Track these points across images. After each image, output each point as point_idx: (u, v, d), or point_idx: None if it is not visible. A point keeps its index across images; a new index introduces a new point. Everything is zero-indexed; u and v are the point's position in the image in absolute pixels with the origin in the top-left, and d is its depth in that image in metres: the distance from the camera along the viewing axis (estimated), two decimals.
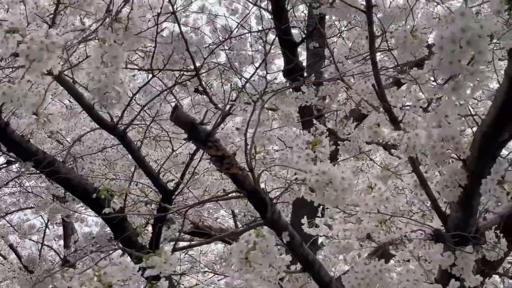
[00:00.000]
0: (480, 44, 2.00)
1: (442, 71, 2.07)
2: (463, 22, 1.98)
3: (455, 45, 1.99)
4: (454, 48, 1.99)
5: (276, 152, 5.36)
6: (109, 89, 2.60)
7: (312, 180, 2.32)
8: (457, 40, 1.99)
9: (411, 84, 4.21)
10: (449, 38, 1.99)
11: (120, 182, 6.00)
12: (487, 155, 2.65)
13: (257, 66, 4.11)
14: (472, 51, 2.02)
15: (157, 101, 5.56)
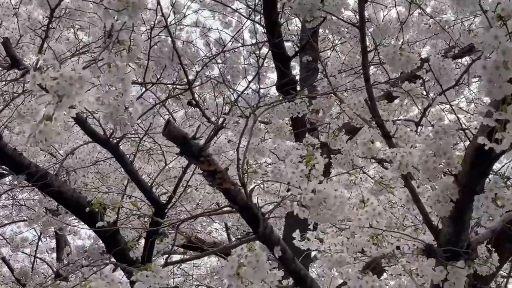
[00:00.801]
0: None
1: (494, 96, 2.07)
2: (502, 45, 1.99)
3: (501, 69, 1.99)
4: (501, 73, 1.99)
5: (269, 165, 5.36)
6: (121, 112, 2.60)
7: (307, 198, 2.32)
8: (500, 64, 1.99)
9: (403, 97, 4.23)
10: (494, 65, 1.99)
11: (113, 196, 5.99)
12: (479, 171, 2.66)
13: (250, 80, 4.11)
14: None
15: (150, 114, 5.56)
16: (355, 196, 5.99)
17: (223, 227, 8.86)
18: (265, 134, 5.22)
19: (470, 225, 3.02)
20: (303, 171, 2.52)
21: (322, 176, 2.56)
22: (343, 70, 5.18)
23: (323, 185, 2.35)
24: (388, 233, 3.17)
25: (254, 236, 2.70)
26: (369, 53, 5.44)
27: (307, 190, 2.35)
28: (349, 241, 3.19)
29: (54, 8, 3.80)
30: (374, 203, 3.04)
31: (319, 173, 2.53)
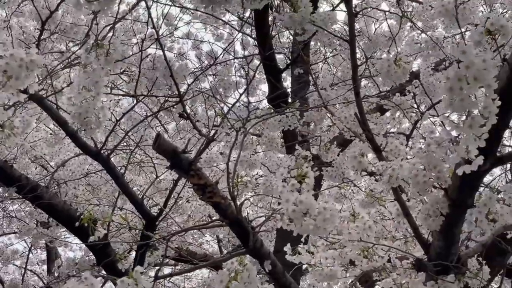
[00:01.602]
0: (486, 77, 2.02)
1: (455, 110, 2.09)
2: (466, 59, 2.01)
3: (463, 82, 2.01)
4: (462, 86, 2.01)
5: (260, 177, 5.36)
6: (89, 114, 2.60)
7: (289, 210, 2.32)
8: (462, 77, 2.01)
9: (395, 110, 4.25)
10: (456, 77, 2.01)
11: (103, 208, 5.98)
12: (468, 185, 2.66)
13: (241, 93, 4.11)
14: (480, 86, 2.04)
15: (142, 127, 5.55)
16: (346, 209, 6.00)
17: (215, 239, 8.85)
18: (257, 146, 5.22)
19: (461, 239, 3.02)
20: (293, 185, 2.52)
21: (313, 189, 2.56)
22: (334, 83, 5.18)
23: (305, 196, 2.35)
24: (378, 246, 3.17)
25: (244, 250, 2.70)
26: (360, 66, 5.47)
27: (289, 201, 2.34)
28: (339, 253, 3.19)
29: (45, 21, 3.80)
30: (365, 217, 3.05)
31: (310, 187, 2.53)
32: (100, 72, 2.57)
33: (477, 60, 2.01)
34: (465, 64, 2.01)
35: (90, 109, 2.60)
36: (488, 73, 2.02)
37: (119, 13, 5.51)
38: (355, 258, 3.18)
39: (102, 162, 4.56)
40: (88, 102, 2.59)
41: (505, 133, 5.40)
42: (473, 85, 2.03)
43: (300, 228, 2.36)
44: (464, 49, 2.03)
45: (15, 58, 2.17)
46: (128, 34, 6.47)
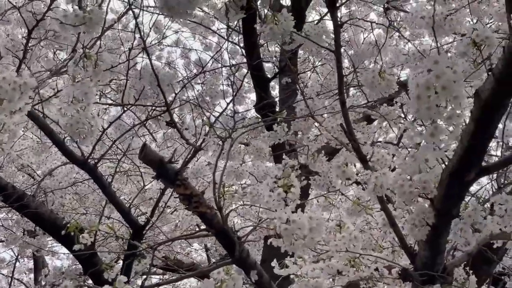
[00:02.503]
0: (455, 88, 2.03)
1: (420, 117, 2.10)
2: (437, 69, 2.02)
3: (431, 91, 2.02)
4: (430, 94, 2.02)
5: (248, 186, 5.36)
6: (80, 125, 2.61)
7: (281, 228, 2.32)
8: (431, 86, 2.02)
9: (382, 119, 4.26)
10: (425, 85, 2.02)
11: (90, 217, 5.96)
12: (454, 195, 2.67)
13: (228, 102, 4.12)
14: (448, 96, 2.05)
15: (129, 136, 5.54)
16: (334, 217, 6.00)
17: (203, 248, 8.83)
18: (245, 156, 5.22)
19: (446, 248, 3.02)
20: (279, 194, 2.52)
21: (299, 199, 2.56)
22: (322, 92, 5.19)
23: (298, 215, 2.35)
24: (365, 256, 3.17)
25: (231, 260, 2.70)
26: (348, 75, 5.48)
27: (282, 219, 2.34)
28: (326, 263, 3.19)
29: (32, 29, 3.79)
30: (350, 228, 3.05)
31: (295, 197, 2.53)
32: (88, 83, 2.58)
33: (448, 70, 2.02)
34: (435, 73, 2.02)
35: (82, 120, 2.60)
36: (457, 84, 2.03)
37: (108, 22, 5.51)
38: (342, 268, 3.18)
39: (89, 171, 4.55)
40: (79, 113, 2.59)
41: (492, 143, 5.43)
42: (441, 95, 2.04)
43: (289, 246, 2.36)
44: (437, 59, 2.04)
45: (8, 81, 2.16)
46: (117, 43, 6.47)
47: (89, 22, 2.29)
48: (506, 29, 3.71)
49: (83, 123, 2.62)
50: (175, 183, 2.57)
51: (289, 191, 2.54)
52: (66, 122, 2.64)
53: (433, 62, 2.06)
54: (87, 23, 2.29)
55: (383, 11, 6.06)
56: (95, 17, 2.28)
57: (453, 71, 2.03)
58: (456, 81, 2.03)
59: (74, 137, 2.63)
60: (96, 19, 2.29)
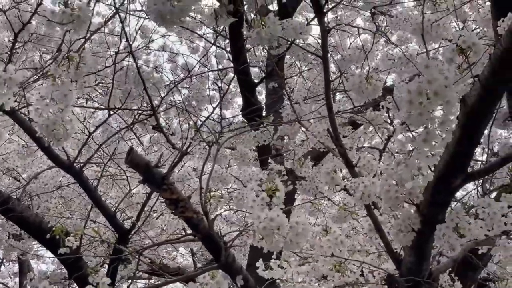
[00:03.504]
0: (447, 94, 2.04)
1: (412, 123, 2.10)
2: (429, 74, 2.02)
3: (423, 97, 2.03)
4: (422, 100, 2.03)
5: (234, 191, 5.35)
6: (57, 127, 2.59)
7: (260, 227, 2.31)
8: (424, 92, 2.02)
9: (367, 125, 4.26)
10: (416, 90, 2.03)
11: (76, 221, 5.93)
12: (439, 201, 2.67)
13: (215, 107, 4.11)
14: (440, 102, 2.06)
15: (115, 140, 5.52)
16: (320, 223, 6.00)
17: (189, 253, 8.81)
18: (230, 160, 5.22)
19: (432, 254, 3.03)
20: (263, 199, 2.51)
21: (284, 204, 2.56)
22: (308, 97, 5.19)
23: (276, 213, 2.34)
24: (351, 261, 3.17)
25: (217, 265, 2.70)
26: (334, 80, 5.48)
27: (260, 218, 2.33)
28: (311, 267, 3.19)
29: (18, 32, 3.78)
30: (336, 232, 3.05)
31: (280, 201, 2.52)
32: (69, 85, 2.56)
33: (439, 76, 2.03)
34: (427, 78, 2.03)
35: (58, 121, 2.59)
36: (449, 89, 2.03)
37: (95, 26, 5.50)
38: (327, 272, 3.18)
39: (75, 175, 4.53)
40: (56, 115, 2.57)
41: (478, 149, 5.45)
42: (433, 101, 2.04)
43: (270, 245, 2.35)
44: (428, 64, 2.05)
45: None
46: (103, 46, 6.45)
47: (77, 20, 2.27)
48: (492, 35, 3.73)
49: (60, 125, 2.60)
50: (161, 188, 2.56)
51: (274, 195, 2.53)
52: (42, 123, 2.62)
53: (423, 67, 2.07)
54: (75, 21, 2.27)
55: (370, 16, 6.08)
56: (83, 15, 2.27)
57: (445, 76, 2.04)
58: (448, 86, 2.04)
59: (49, 139, 2.61)
60: (84, 17, 2.28)
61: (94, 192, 4.71)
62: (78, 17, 2.30)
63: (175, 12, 2.11)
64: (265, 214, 2.32)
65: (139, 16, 5.65)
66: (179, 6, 2.10)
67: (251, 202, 2.50)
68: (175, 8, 2.10)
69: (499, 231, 2.69)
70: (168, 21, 2.15)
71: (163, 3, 2.04)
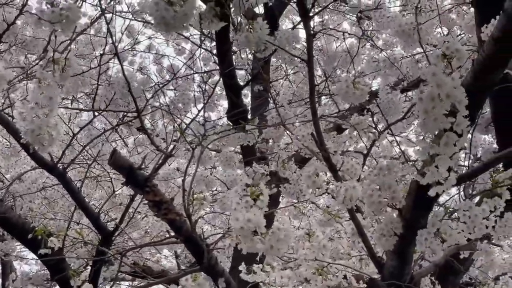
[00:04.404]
0: (457, 94, 2.05)
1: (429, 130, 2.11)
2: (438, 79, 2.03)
3: (435, 101, 2.03)
4: (435, 105, 2.04)
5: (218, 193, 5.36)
6: (42, 131, 2.57)
7: (237, 227, 2.30)
8: (435, 96, 2.03)
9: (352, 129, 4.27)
10: (428, 96, 2.04)
11: (59, 222, 5.90)
12: (422, 206, 2.69)
13: (199, 109, 4.11)
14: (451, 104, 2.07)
15: (100, 141, 5.51)
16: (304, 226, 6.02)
17: (173, 255, 8.79)
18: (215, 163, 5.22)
19: (414, 258, 3.04)
20: (247, 202, 2.51)
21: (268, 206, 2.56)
22: (294, 101, 5.20)
23: (253, 214, 2.34)
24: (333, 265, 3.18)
25: (199, 267, 2.70)
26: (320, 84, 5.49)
27: (238, 219, 2.33)
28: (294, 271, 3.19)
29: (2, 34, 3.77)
30: (320, 236, 3.06)
31: (264, 205, 2.53)
32: (55, 88, 2.55)
33: (447, 78, 2.04)
34: (436, 83, 2.04)
35: (43, 126, 2.57)
36: (458, 89, 2.05)
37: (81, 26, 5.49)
38: (310, 276, 3.18)
39: (58, 176, 4.51)
40: (41, 119, 2.55)
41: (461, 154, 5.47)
42: (445, 103, 2.05)
43: (248, 246, 2.35)
44: (435, 71, 2.06)
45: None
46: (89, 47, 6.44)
47: (66, 20, 2.26)
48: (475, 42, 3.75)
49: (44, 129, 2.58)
50: (144, 190, 2.57)
51: (258, 199, 2.53)
52: (26, 127, 2.60)
53: (431, 75, 2.08)
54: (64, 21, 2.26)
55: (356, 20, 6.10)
56: (72, 14, 2.26)
57: (452, 77, 2.06)
58: (457, 86, 2.06)
59: (35, 144, 2.59)
60: (73, 17, 2.27)
61: (78, 194, 4.69)
62: (67, 17, 2.29)
63: (178, 17, 2.10)
64: (243, 215, 2.32)
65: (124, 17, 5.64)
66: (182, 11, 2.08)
67: (235, 204, 2.50)
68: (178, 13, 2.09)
69: (480, 234, 2.71)
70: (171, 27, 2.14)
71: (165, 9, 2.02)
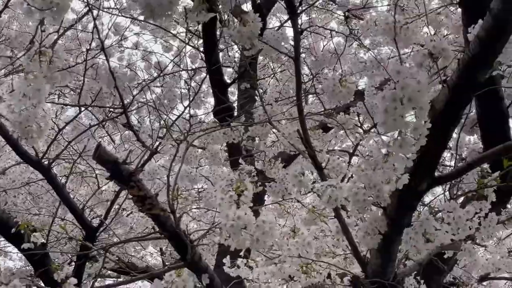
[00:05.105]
0: (420, 99, 2.05)
1: (387, 129, 2.12)
2: (401, 80, 2.04)
3: (397, 103, 2.04)
4: (396, 106, 2.04)
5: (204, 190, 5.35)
6: (30, 123, 2.56)
7: (227, 225, 2.31)
8: (398, 98, 2.04)
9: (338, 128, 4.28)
10: (391, 97, 2.04)
11: (43, 218, 5.88)
12: (406, 205, 2.69)
13: (186, 106, 4.10)
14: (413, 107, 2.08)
15: (85, 137, 5.49)
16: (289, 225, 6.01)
17: (158, 252, 8.77)
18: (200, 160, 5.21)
19: (398, 257, 3.05)
20: (232, 197, 2.51)
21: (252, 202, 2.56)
22: (280, 99, 5.20)
23: (243, 212, 2.35)
24: (317, 262, 3.18)
25: (183, 263, 2.69)
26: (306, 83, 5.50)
27: (228, 216, 2.34)
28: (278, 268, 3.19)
29: None
30: (304, 233, 3.06)
31: (248, 200, 2.53)
32: (42, 80, 2.54)
33: (412, 81, 2.04)
34: (400, 85, 2.04)
35: (31, 118, 2.55)
36: (422, 94, 2.05)
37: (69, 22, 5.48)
38: (294, 273, 3.19)
39: (43, 171, 4.48)
40: (29, 111, 2.54)
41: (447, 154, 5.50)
42: (407, 106, 2.06)
43: (238, 243, 2.35)
44: (399, 69, 2.06)
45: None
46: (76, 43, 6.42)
47: (57, 7, 2.24)
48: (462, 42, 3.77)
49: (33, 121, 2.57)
50: (128, 185, 2.56)
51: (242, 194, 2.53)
52: (14, 120, 2.59)
53: (395, 73, 2.08)
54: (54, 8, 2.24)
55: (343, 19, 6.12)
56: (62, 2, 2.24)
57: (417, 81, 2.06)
58: (421, 90, 2.05)
59: (23, 136, 2.58)
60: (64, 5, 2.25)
61: (62, 189, 4.66)
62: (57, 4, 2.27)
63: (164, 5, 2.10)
64: (233, 213, 2.33)
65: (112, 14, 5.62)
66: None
67: (219, 200, 2.50)
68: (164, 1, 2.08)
69: (464, 235, 2.72)
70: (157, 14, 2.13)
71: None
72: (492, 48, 2.31)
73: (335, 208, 3.00)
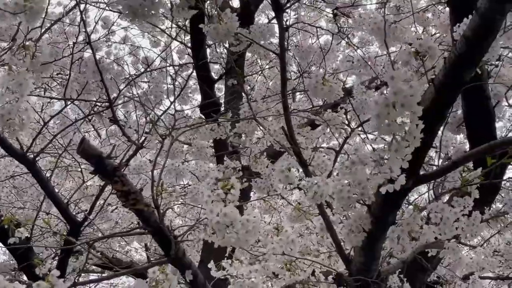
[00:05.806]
0: (412, 104, 2.05)
1: (381, 133, 2.12)
2: (395, 86, 2.03)
3: (390, 108, 2.04)
4: (389, 111, 2.04)
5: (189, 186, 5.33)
6: (12, 116, 2.55)
7: (213, 222, 2.30)
8: (390, 103, 2.03)
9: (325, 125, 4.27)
10: (383, 102, 2.04)
11: (28, 211, 5.85)
12: (391, 202, 2.69)
13: (172, 101, 4.09)
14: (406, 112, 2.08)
15: (71, 130, 5.46)
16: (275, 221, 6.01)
17: (143, 247, 8.76)
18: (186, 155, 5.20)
19: (382, 255, 3.05)
20: (219, 195, 2.50)
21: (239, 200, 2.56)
22: (267, 96, 5.19)
23: (229, 209, 2.34)
24: (301, 260, 3.18)
25: (166, 259, 2.68)
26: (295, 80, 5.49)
27: (213, 213, 2.33)
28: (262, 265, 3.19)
29: None
30: (288, 231, 3.06)
31: (235, 198, 2.52)
32: (25, 74, 2.52)
33: (405, 87, 2.04)
34: (393, 90, 2.04)
35: (14, 111, 2.54)
36: (414, 99, 2.05)
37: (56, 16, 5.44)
38: (278, 271, 3.18)
39: (28, 164, 4.45)
40: (12, 104, 2.53)
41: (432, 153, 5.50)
42: (399, 111, 2.06)
43: (222, 240, 2.34)
44: (393, 75, 2.06)
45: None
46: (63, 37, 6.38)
47: (30, 10, 2.23)
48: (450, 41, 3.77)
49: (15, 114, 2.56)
50: (112, 179, 2.54)
51: (229, 192, 2.53)
52: None
53: (389, 78, 2.07)
54: (28, 12, 2.23)
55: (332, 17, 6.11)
56: (36, 5, 2.23)
57: (410, 85, 2.05)
58: (414, 95, 2.05)
59: (5, 129, 2.57)
60: (38, 8, 2.24)
61: (47, 183, 4.64)
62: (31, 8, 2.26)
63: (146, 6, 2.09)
64: (219, 209, 2.32)
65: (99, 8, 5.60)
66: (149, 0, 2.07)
67: (206, 197, 2.49)
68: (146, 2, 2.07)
69: (451, 235, 2.73)
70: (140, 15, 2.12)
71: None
72: (479, 47, 2.31)
73: (320, 205, 2.99)
